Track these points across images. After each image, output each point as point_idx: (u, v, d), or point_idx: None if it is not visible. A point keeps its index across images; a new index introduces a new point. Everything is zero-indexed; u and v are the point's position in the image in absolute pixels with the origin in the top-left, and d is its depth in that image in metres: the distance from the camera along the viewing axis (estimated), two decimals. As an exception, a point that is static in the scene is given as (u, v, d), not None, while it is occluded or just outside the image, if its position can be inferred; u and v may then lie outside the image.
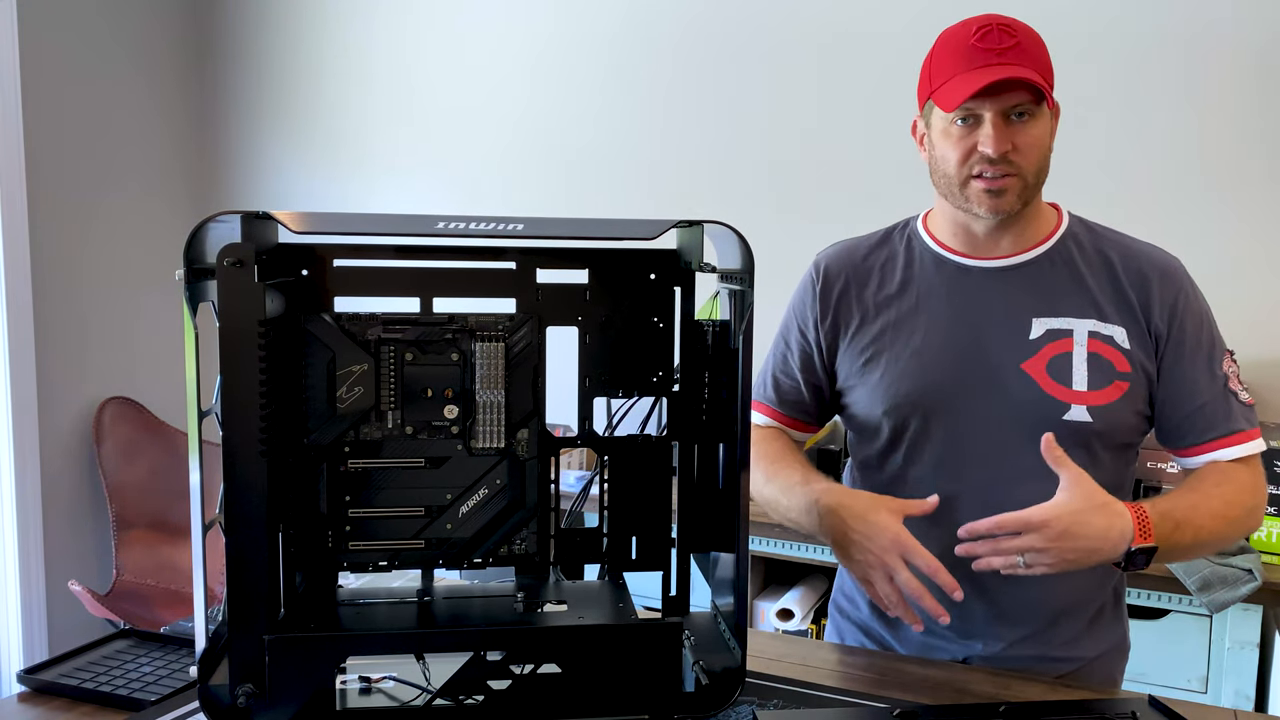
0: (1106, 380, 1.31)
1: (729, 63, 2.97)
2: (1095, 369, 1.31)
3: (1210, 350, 1.35)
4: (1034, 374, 1.32)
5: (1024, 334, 1.33)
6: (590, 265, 1.19)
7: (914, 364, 1.37)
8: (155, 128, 3.50)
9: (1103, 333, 1.32)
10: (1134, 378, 1.32)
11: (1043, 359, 1.32)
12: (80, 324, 3.25)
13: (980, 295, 1.36)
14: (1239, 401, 1.35)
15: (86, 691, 1.21)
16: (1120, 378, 1.32)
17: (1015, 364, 1.33)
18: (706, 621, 1.28)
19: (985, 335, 1.34)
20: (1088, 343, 1.32)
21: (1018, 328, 1.34)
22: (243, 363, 1.04)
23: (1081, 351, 1.32)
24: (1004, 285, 1.36)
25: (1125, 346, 1.32)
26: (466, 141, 3.31)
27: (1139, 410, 1.35)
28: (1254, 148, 2.50)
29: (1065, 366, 1.31)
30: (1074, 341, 1.32)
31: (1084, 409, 1.31)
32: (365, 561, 1.17)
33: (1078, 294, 1.34)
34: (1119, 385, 1.32)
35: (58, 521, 3.18)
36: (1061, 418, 1.30)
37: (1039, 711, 1.16)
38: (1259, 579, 2.05)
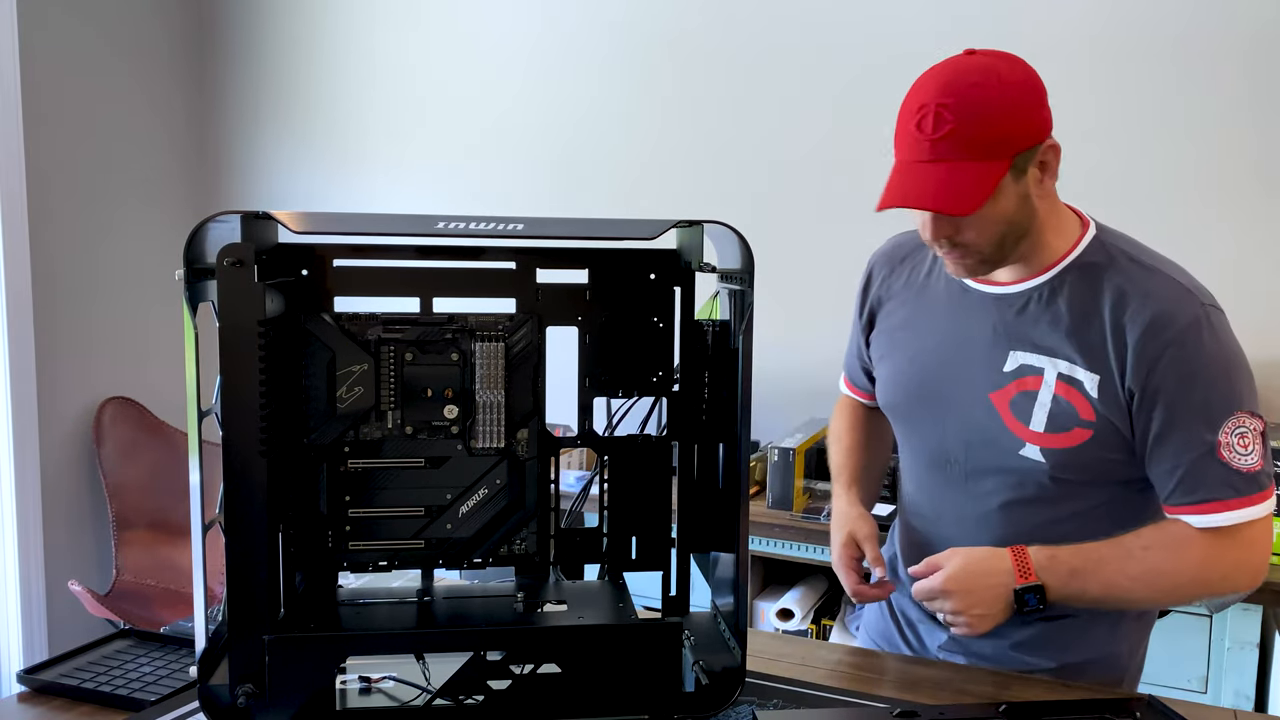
0: (1066, 426, 1.27)
1: (730, 62, 2.97)
2: (1057, 413, 1.28)
3: (1202, 410, 1.22)
4: (999, 405, 1.32)
5: (1000, 364, 1.32)
6: (590, 265, 1.19)
7: (906, 369, 1.43)
8: (155, 128, 3.50)
9: (1074, 377, 1.27)
10: (1099, 426, 1.26)
11: (1009, 393, 1.31)
12: (80, 324, 3.25)
13: (972, 318, 1.36)
14: (1230, 469, 1.22)
15: (86, 691, 1.21)
16: (1082, 425, 1.27)
17: (985, 392, 1.33)
18: (706, 621, 1.28)
19: (967, 358, 1.35)
20: (1055, 384, 1.28)
21: (996, 357, 1.32)
22: (243, 363, 1.04)
23: (1048, 393, 1.28)
24: (995, 312, 1.33)
25: (1093, 395, 1.26)
26: (467, 141, 3.31)
27: (1110, 455, 1.28)
28: (1253, 149, 2.50)
29: (1028, 405, 1.29)
30: (1042, 381, 1.29)
31: (1038, 449, 1.29)
32: (365, 561, 1.18)
33: (1057, 332, 1.28)
34: (1080, 433, 1.27)
35: (58, 521, 3.18)
36: (1018, 452, 1.31)
37: (1039, 711, 1.16)
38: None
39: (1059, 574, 1.24)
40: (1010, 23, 2.66)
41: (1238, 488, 1.23)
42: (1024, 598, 1.24)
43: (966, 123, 1.17)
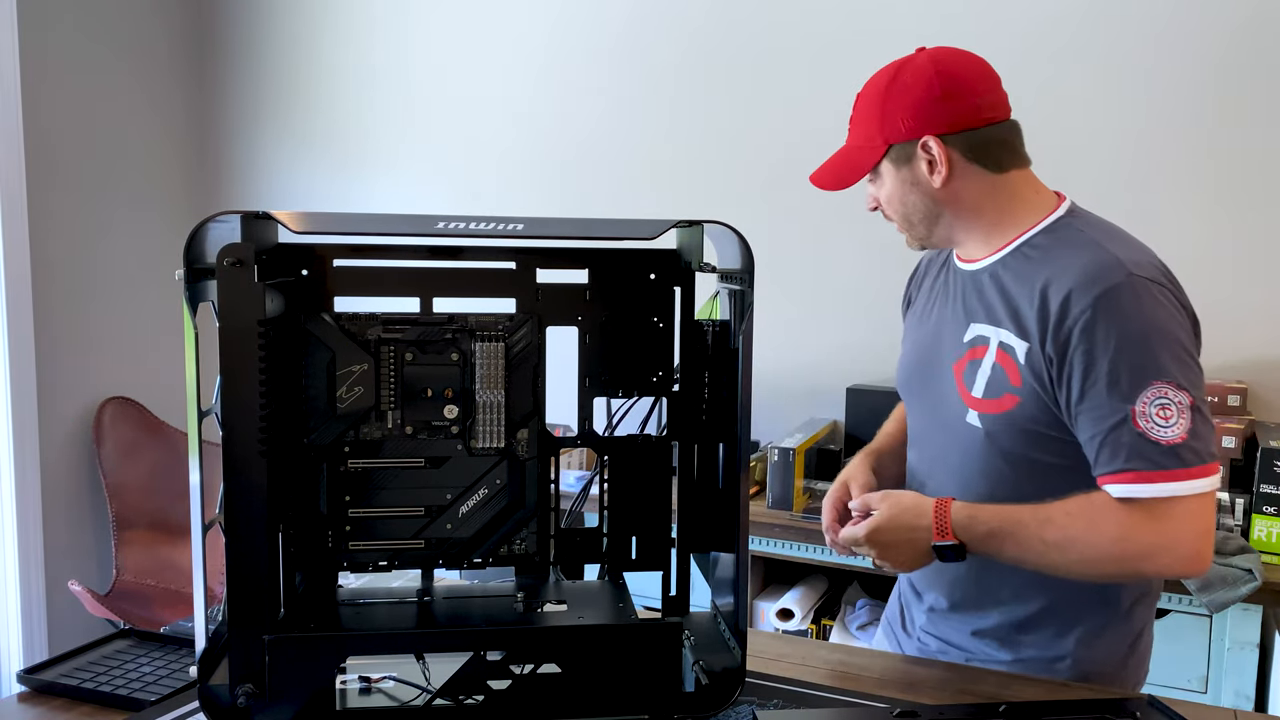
0: (999, 391, 1.31)
1: (730, 62, 2.97)
2: (993, 379, 1.32)
3: (1119, 378, 1.21)
4: (955, 374, 1.38)
5: (961, 336, 1.38)
6: (590, 265, 1.20)
7: (905, 353, 1.54)
8: (155, 128, 3.50)
9: (1008, 344, 1.31)
10: (1024, 393, 1.28)
11: (963, 363, 1.37)
12: (80, 324, 3.25)
13: (951, 296, 1.44)
14: (1147, 440, 1.20)
15: (86, 691, 1.21)
16: (1012, 391, 1.30)
17: (949, 364, 1.40)
18: (706, 621, 1.28)
19: (942, 335, 1.43)
20: (996, 353, 1.32)
21: (958, 330, 1.39)
22: (243, 363, 1.04)
23: (990, 360, 1.33)
24: (965, 288, 1.41)
25: (1021, 362, 1.29)
26: (467, 141, 3.31)
27: (1037, 426, 1.29)
28: (1256, 148, 2.50)
29: (974, 372, 1.35)
30: (987, 349, 1.34)
31: (976, 415, 1.34)
32: (365, 561, 1.18)
33: (1004, 303, 1.32)
34: (1010, 398, 1.30)
35: (58, 521, 3.18)
36: (964, 419, 1.36)
37: (1039, 711, 1.16)
38: (1259, 579, 2.05)
39: (976, 534, 1.27)
40: (1012, 21, 2.66)
41: (1155, 460, 1.20)
42: (942, 553, 1.28)
43: (858, 111, 1.39)
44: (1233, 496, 2.25)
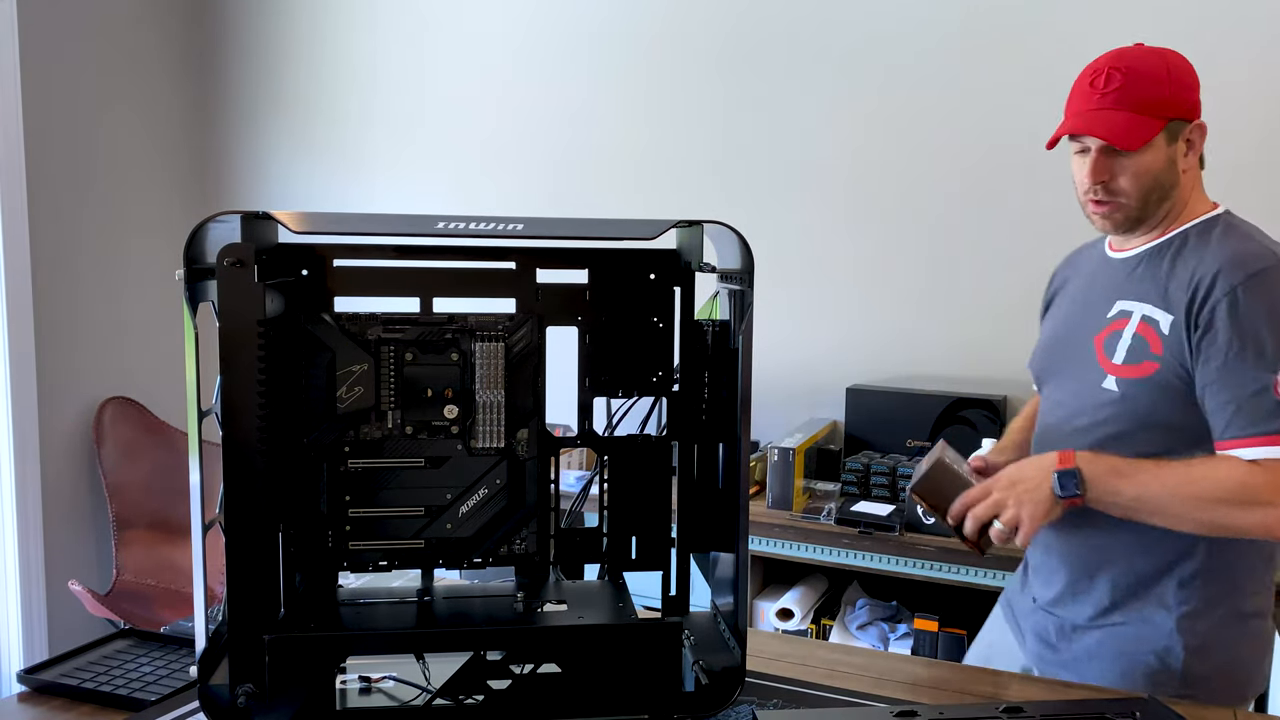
0: (1140, 358, 1.40)
1: (731, 62, 2.97)
2: (1135, 346, 1.41)
3: (1263, 352, 1.31)
4: (1096, 345, 1.47)
5: (1105, 312, 1.47)
6: (590, 265, 1.19)
7: (1046, 332, 1.63)
8: (156, 128, 3.50)
9: (1152, 316, 1.41)
10: (1166, 360, 1.38)
11: (1104, 334, 1.46)
12: (80, 324, 3.25)
13: (1098, 283, 1.53)
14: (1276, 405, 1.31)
15: (86, 691, 1.21)
16: (1152, 358, 1.39)
17: (1090, 336, 1.48)
18: (706, 621, 1.28)
19: (1086, 314, 1.51)
20: (1138, 324, 1.42)
21: (1104, 307, 1.48)
22: (243, 363, 1.04)
23: (1131, 329, 1.42)
24: (1114, 273, 1.50)
25: (1165, 332, 1.39)
26: (467, 141, 3.31)
27: (1171, 396, 1.38)
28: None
29: (1115, 341, 1.44)
30: (1129, 321, 1.43)
31: (1114, 379, 1.42)
32: (365, 561, 1.17)
33: (1152, 282, 1.43)
34: (1149, 365, 1.39)
35: (58, 521, 3.18)
36: (1100, 384, 1.44)
37: (1039, 711, 1.17)
38: (1259, 579, 2.04)
39: (1098, 468, 1.33)
40: (1016, 26, 2.66)
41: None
42: (1062, 481, 1.32)
43: (1133, 81, 1.39)
44: (1233, 496, 2.25)
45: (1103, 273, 1.53)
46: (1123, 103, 1.39)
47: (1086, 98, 1.42)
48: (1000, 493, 1.36)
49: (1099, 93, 1.41)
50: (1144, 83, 1.39)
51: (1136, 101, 1.39)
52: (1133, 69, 1.40)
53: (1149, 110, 1.39)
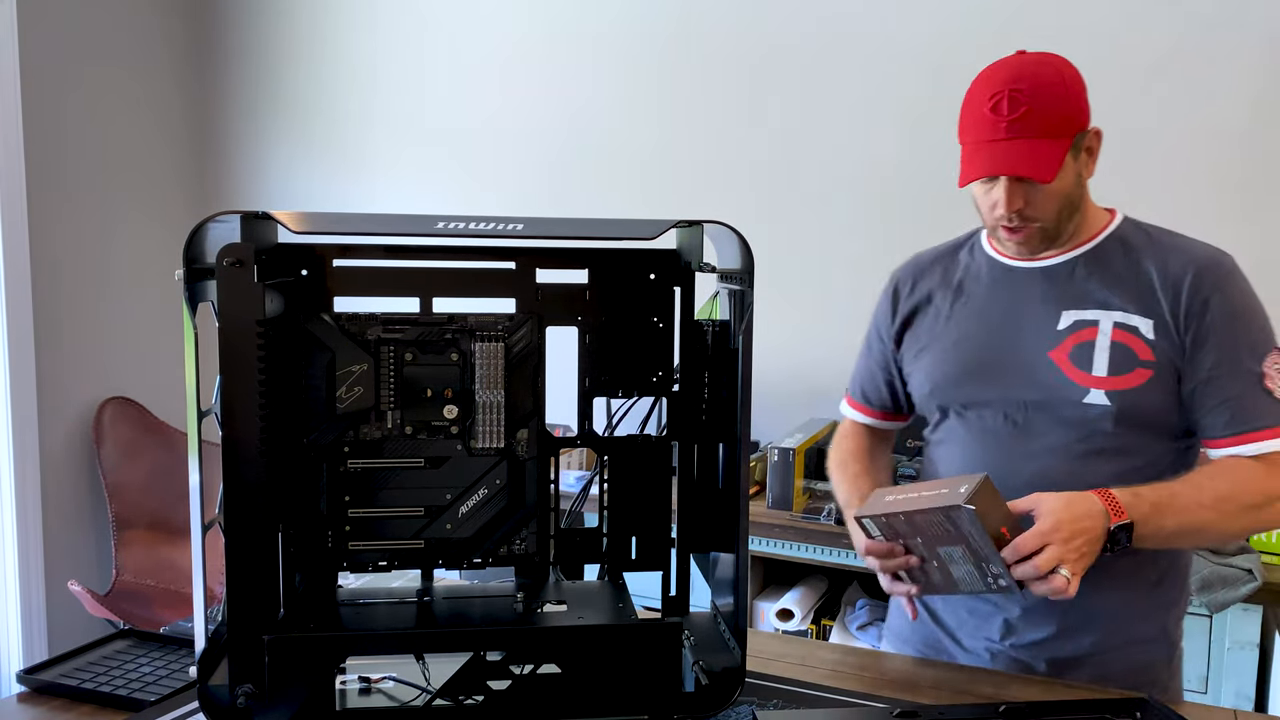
0: (1128, 367, 1.36)
1: (732, 62, 2.97)
2: (1117, 356, 1.37)
3: (1246, 348, 1.35)
4: (1058, 361, 1.39)
5: (1053, 325, 1.41)
6: (590, 265, 1.19)
7: (954, 351, 1.49)
8: (155, 128, 3.50)
9: (1128, 323, 1.37)
10: (1158, 366, 1.35)
11: (1066, 347, 1.39)
12: (80, 324, 3.25)
13: (1019, 291, 1.46)
14: (1272, 399, 1.34)
15: (86, 691, 1.21)
16: (1143, 365, 1.36)
17: (1043, 352, 1.41)
18: (706, 621, 1.28)
19: (1019, 327, 1.44)
20: (1112, 332, 1.38)
21: (1049, 319, 1.42)
22: (242, 363, 1.04)
23: (1105, 340, 1.38)
24: (1042, 282, 1.44)
25: (1150, 337, 1.36)
26: (467, 142, 3.31)
27: (1167, 400, 1.37)
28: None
29: (1088, 353, 1.38)
30: (1099, 330, 1.38)
31: (1102, 393, 1.36)
32: (365, 561, 1.17)
33: (1109, 289, 1.40)
34: (1141, 372, 1.36)
35: (58, 521, 3.18)
36: (1081, 400, 1.37)
37: (1039, 711, 1.16)
38: (1259, 579, 2.05)
39: (1143, 510, 1.28)
40: (1019, 26, 2.66)
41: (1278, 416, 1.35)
42: (1117, 536, 1.25)
43: (1038, 104, 1.32)
44: (1233, 496, 2.25)
45: (1016, 284, 1.46)
46: (1030, 129, 1.32)
47: (991, 126, 1.34)
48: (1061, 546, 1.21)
49: (1004, 120, 1.32)
50: (1048, 104, 1.33)
51: (1043, 126, 1.33)
52: (1034, 90, 1.33)
53: (1056, 132, 1.33)
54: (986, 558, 1.21)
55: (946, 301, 1.53)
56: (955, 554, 1.24)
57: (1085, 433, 1.38)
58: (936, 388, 1.50)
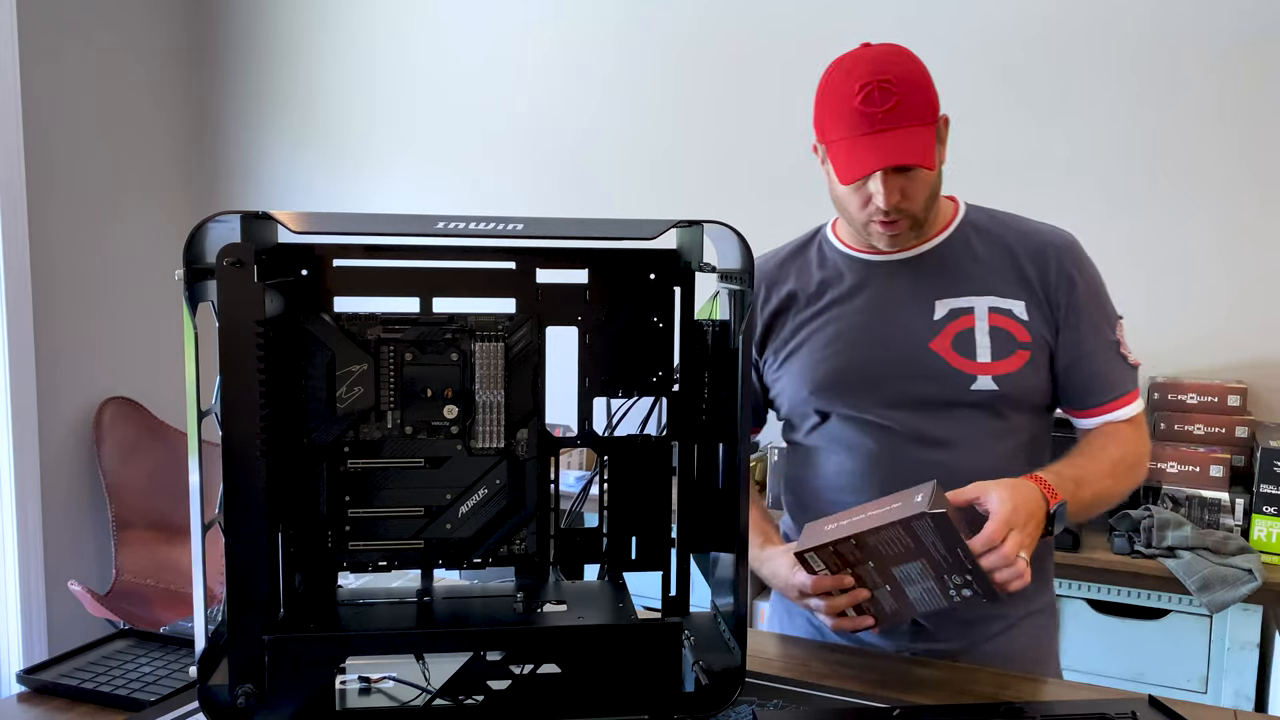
0: (1008, 350, 1.40)
1: (731, 62, 2.97)
2: (997, 341, 1.40)
3: (1106, 318, 1.44)
4: (940, 351, 1.41)
5: (928, 316, 1.42)
6: (590, 265, 1.19)
7: (829, 352, 1.46)
8: (155, 128, 3.50)
9: (1002, 306, 1.41)
10: (1034, 346, 1.40)
11: (947, 336, 1.41)
12: (80, 324, 3.25)
13: (887, 286, 1.46)
14: (1128, 365, 1.45)
15: (86, 691, 1.21)
16: (1021, 347, 1.40)
17: (923, 344, 1.42)
18: (706, 621, 1.28)
19: (893, 321, 1.44)
20: (989, 317, 1.41)
21: (923, 311, 1.43)
22: (242, 363, 1.03)
23: (983, 325, 1.40)
24: (908, 275, 1.45)
25: (1024, 318, 1.41)
26: (466, 141, 3.31)
27: (1043, 376, 1.43)
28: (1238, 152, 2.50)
29: (969, 341, 1.40)
30: (975, 317, 1.41)
31: (989, 379, 1.39)
32: (365, 561, 1.17)
33: (977, 274, 1.43)
34: (1021, 354, 1.40)
35: (58, 521, 3.18)
36: (969, 388, 1.40)
37: (1039, 711, 1.16)
38: (1259, 579, 2.05)
39: (1068, 488, 1.31)
40: (1027, 20, 2.66)
41: (1135, 380, 1.46)
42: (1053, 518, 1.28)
43: (908, 93, 1.33)
44: (1233, 496, 2.25)
45: (882, 279, 1.46)
46: (904, 118, 1.32)
47: (865, 119, 1.32)
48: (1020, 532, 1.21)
49: (878, 111, 1.31)
50: (914, 92, 1.33)
51: (914, 114, 1.32)
52: (901, 79, 1.32)
53: (925, 119, 1.33)
54: (950, 567, 1.17)
55: (809, 303, 1.50)
56: (913, 572, 1.19)
57: (975, 418, 1.40)
58: (817, 391, 1.46)
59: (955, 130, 1.43)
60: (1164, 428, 2.45)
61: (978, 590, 1.19)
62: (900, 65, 1.34)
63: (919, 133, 1.33)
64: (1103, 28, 2.60)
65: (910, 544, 1.17)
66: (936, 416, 1.41)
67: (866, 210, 1.38)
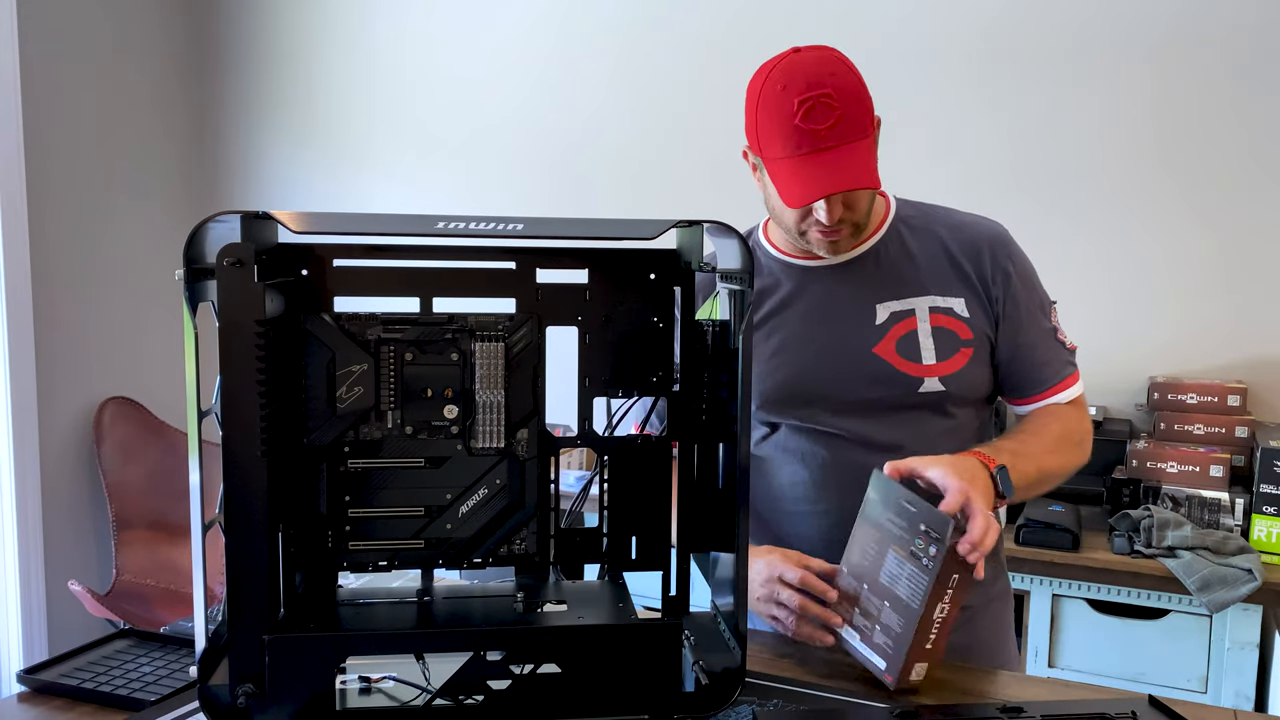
0: (952, 350, 1.41)
1: (731, 62, 2.97)
2: (940, 341, 1.41)
3: (1041, 306, 1.46)
4: (885, 355, 1.41)
5: (870, 320, 1.42)
6: (590, 265, 1.19)
7: (775, 363, 1.45)
8: (155, 128, 3.50)
9: (942, 305, 1.41)
10: (976, 343, 1.42)
11: (891, 340, 1.41)
12: (80, 324, 3.25)
13: (825, 292, 1.45)
14: (1065, 349, 1.47)
15: (86, 691, 1.21)
16: (964, 344, 1.41)
17: (867, 349, 1.42)
18: (706, 621, 1.28)
19: (836, 327, 1.44)
20: (930, 318, 1.41)
21: (864, 316, 1.43)
22: (242, 363, 1.04)
23: (925, 327, 1.41)
24: (846, 279, 1.45)
25: (965, 315, 1.41)
26: (467, 141, 3.31)
27: (985, 370, 1.45)
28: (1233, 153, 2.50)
29: (913, 344, 1.41)
30: (917, 319, 1.41)
31: (936, 379, 1.40)
32: (365, 561, 1.17)
33: (914, 275, 1.43)
34: (964, 352, 1.41)
35: (58, 521, 3.18)
36: (917, 390, 1.41)
37: (1039, 711, 1.16)
38: (1259, 579, 2.05)
39: (1004, 458, 1.30)
40: (1019, 20, 2.66)
41: (1073, 363, 1.48)
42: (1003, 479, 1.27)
43: (848, 106, 1.30)
44: (1233, 496, 2.26)
45: (818, 284, 1.44)
46: (847, 134, 1.28)
47: (807, 137, 1.28)
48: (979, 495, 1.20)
49: (820, 128, 1.27)
50: (853, 104, 1.30)
51: (856, 128, 1.29)
52: (840, 91, 1.28)
53: (864, 131, 1.31)
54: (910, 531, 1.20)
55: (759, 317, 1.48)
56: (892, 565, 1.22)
57: (924, 418, 1.41)
58: (766, 403, 1.45)
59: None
60: (1164, 428, 2.45)
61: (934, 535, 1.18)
62: (838, 76, 1.30)
63: (861, 149, 1.30)
64: (1100, 26, 2.60)
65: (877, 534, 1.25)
66: (885, 420, 1.41)
67: (807, 221, 1.37)
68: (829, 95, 1.28)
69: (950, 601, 1.20)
